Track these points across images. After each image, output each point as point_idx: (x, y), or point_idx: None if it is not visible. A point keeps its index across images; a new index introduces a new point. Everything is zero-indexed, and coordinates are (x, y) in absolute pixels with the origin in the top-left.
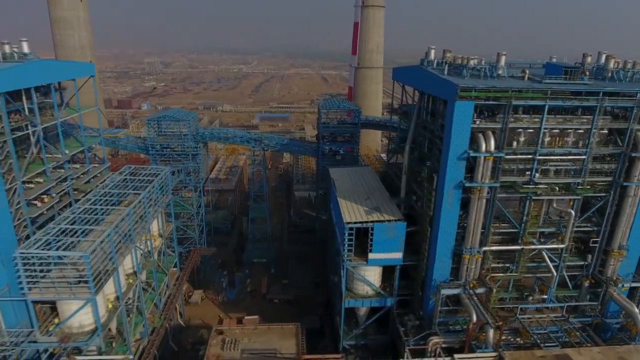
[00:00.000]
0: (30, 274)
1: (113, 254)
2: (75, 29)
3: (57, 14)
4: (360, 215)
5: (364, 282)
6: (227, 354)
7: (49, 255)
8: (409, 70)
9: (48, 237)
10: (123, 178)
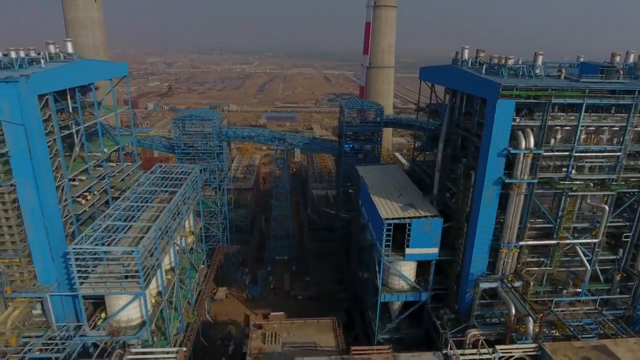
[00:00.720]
0: (82, 269)
1: (158, 250)
2: (89, 29)
3: (72, 14)
4: (397, 212)
5: (400, 277)
6: (268, 347)
7: (101, 250)
8: (440, 70)
9: (96, 233)
10: (156, 176)
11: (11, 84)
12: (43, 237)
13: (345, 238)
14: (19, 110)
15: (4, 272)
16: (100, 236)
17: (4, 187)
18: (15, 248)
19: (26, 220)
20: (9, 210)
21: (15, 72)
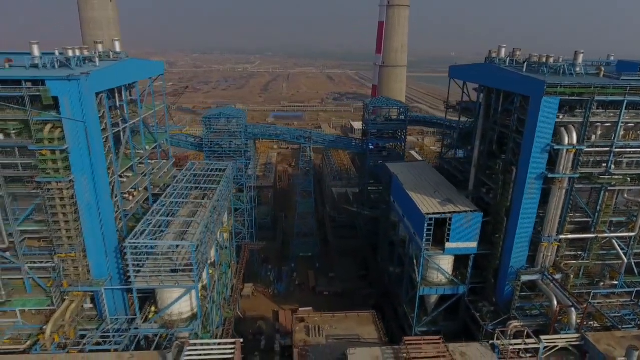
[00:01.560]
0: (137, 264)
1: (206, 245)
2: (105, 29)
3: (88, 14)
4: (436, 207)
5: (439, 271)
6: (312, 340)
7: (157, 245)
8: (473, 68)
9: (149, 228)
10: (192, 173)
11: (73, 82)
12: (98, 232)
13: (369, 235)
14: (79, 108)
15: (59, 267)
16: (152, 231)
17: (63, 182)
18: (72, 243)
19: (82, 215)
20: (66, 205)
21: (73, 70)
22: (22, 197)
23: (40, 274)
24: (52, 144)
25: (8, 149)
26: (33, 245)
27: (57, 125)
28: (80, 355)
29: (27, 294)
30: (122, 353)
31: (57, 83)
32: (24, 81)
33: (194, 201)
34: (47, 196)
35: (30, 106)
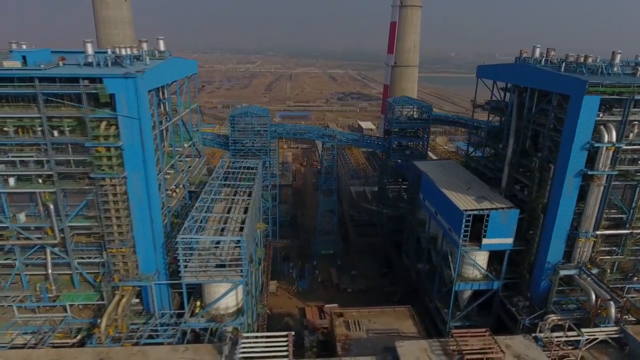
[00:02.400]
0: (187, 259)
1: (251, 241)
2: (120, 28)
3: (103, 13)
4: (472, 204)
5: (475, 267)
6: (353, 334)
7: (207, 240)
8: (504, 68)
9: (197, 224)
10: (225, 171)
11: (130, 80)
12: (148, 228)
13: (390, 233)
14: (135, 105)
15: (109, 262)
16: (199, 227)
17: (116, 179)
18: (122, 238)
19: (133, 211)
20: (118, 201)
21: (127, 68)
22: (71, 194)
23: (88, 269)
24: (108, 141)
25: (62, 146)
26: (80, 241)
27: (111, 122)
28: (136, 348)
29: (75, 289)
30: (177, 346)
31: (114, 81)
32: (81, 79)
33: (227, 198)
34: (101, 192)
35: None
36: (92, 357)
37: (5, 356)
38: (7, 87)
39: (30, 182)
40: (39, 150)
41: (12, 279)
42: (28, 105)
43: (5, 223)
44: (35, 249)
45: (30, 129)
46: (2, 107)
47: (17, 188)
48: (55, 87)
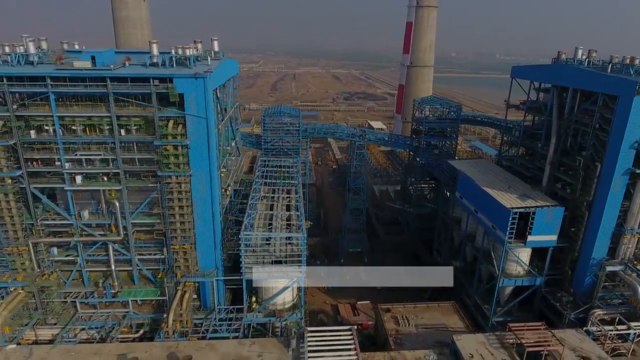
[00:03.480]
0: (249, 255)
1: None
2: (138, 28)
3: (122, 13)
4: (516, 202)
5: (518, 263)
6: (403, 329)
7: (269, 236)
8: (542, 69)
9: (256, 221)
10: (265, 169)
11: (200, 80)
12: (210, 225)
13: (417, 231)
14: (203, 104)
15: (172, 258)
16: (257, 224)
17: (182, 177)
18: (185, 235)
19: (196, 208)
20: (183, 199)
21: (192, 69)
22: (132, 192)
23: (147, 266)
24: (176, 139)
25: (128, 145)
26: (139, 238)
27: (178, 121)
28: (204, 342)
29: (134, 285)
30: (243, 340)
31: (184, 80)
32: (152, 78)
33: (266, 195)
34: (167, 190)
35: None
36: (162, 351)
37: (77, 350)
38: (78, 86)
39: (95, 180)
40: (105, 148)
41: (73, 276)
42: (95, 104)
43: (70, 220)
44: (97, 245)
45: (97, 127)
46: (71, 106)
47: (85, 186)
48: (126, 86)
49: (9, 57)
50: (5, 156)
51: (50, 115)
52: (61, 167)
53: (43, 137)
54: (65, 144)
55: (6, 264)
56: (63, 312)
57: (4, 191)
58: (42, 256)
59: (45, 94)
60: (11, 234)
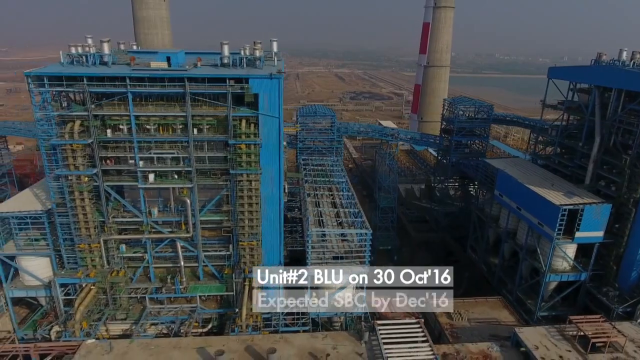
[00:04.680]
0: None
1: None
2: (159, 28)
3: (142, 13)
4: (562, 199)
5: (565, 259)
6: (457, 323)
7: (336, 233)
8: (583, 69)
9: (316, 217)
10: (308, 167)
11: (274, 80)
12: (276, 222)
13: (448, 228)
14: (276, 104)
15: (240, 254)
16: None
17: (253, 174)
18: (253, 232)
19: (263, 205)
20: (252, 196)
21: (261, 69)
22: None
23: (213, 262)
24: (249, 138)
25: (200, 143)
26: (204, 235)
27: (250, 120)
28: (277, 336)
29: (199, 281)
30: (315, 333)
31: (259, 81)
32: (227, 79)
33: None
34: (238, 188)
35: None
36: (238, 344)
37: (156, 344)
38: (154, 86)
39: (166, 178)
40: (177, 147)
41: (140, 272)
42: (169, 104)
43: (141, 217)
44: (165, 242)
45: (170, 126)
46: (145, 106)
47: (157, 184)
48: (203, 87)
49: (84, 57)
50: (82, 155)
51: (127, 115)
52: (135, 166)
53: (118, 136)
54: (139, 143)
55: (76, 260)
56: (130, 307)
57: (80, 189)
58: (111, 253)
59: (124, 93)
60: (83, 231)
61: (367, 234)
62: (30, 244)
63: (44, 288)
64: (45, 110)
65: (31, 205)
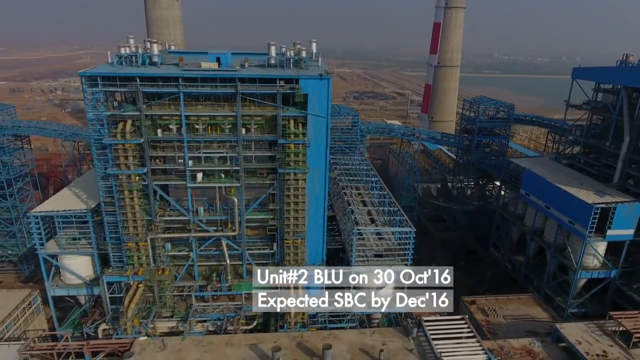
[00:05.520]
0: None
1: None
2: (172, 27)
3: (156, 13)
4: (594, 197)
5: (595, 256)
6: (493, 320)
7: (381, 231)
8: (611, 70)
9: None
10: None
11: (324, 81)
12: (320, 220)
13: (467, 227)
14: (325, 104)
15: (278, 252)
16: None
17: (300, 174)
18: (297, 230)
19: (308, 203)
20: (299, 195)
21: (309, 70)
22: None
23: (256, 260)
24: (298, 138)
25: (247, 143)
26: (246, 233)
27: (299, 120)
28: (326, 332)
29: (243, 279)
30: (363, 329)
31: (309, 81)
32: (278, 79)
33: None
34: (285, 186)
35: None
36: (289, 340)
37: (208, 341)
38: (205, 87)
39: (213, 177)
40: (225, 146)
41: (184, 270)
42: (218, 104)
43: (188, 216)
44: (210, 241)
45: (218, 126)
46: (195, 106)
47: (205, 183)
48: (254, 87)
49: (134, 57)
50: (133, 154)
51: (178, 115)
52: (184, 165)
53: (167, 135)
54: (189, 142)
55: (122, 259)
56: (175, 305)
57: (130, 188)
58: (157, 252)
59: (176, 94)
60: (131, 230)
61: (410, 232)
62: (72, 243)
63: (86, 287)
64: (97, 110)
65: (71, 204)
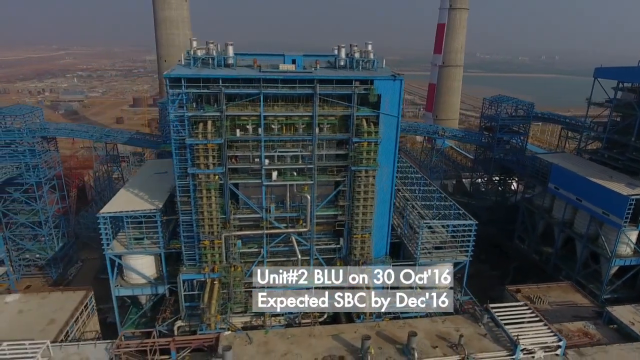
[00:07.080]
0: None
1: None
2: (180, 28)
3: (165, 13)
4: (628, 189)
5: (628, 244)
6: (540, 307)
7: (443, 224)
8: (632, 70)
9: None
10: None
11: (397, 81)
12: (386, 215)
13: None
14: (396, 104)
15: (344, 247)
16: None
17: (371, 170)
18: (365, 225)
19: (377, 199)
20: (368, 191)
21: (379, 71)
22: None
23: (323, 255)
24: (371, 136)
25: (321, 142)
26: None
27: (370, 119)
28: (401, 322)
29: None
30: (435, 318)
31: (383, 82)
32: (354, 80)
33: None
34: (356, 183)
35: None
36: (367, 330)
37: (291, 334)
38: (284, 88)
39: (285, 175)
40: (299, 145)
41: (254, 266)
42: (292, 104)
43: (261, 214)
44: (280, 238)
45: (293, 126)
46: (271, 106)
47: (279, 181)
48: (331, 88)
49: (211, 59)
50: (213, 154)
51: (256, 115)
52: (260, 164)
53: (244, 135)
54: (266, 142)
55: (194, 257)
56: (246, 301)
57: (210, 187)
58: (230, 249)
59: (257, 95)
60: (207, 228)
61: (472, 225)
62: (138, 243)
63: (150, 286)
64: (179, 111)
65: (133, 205)
